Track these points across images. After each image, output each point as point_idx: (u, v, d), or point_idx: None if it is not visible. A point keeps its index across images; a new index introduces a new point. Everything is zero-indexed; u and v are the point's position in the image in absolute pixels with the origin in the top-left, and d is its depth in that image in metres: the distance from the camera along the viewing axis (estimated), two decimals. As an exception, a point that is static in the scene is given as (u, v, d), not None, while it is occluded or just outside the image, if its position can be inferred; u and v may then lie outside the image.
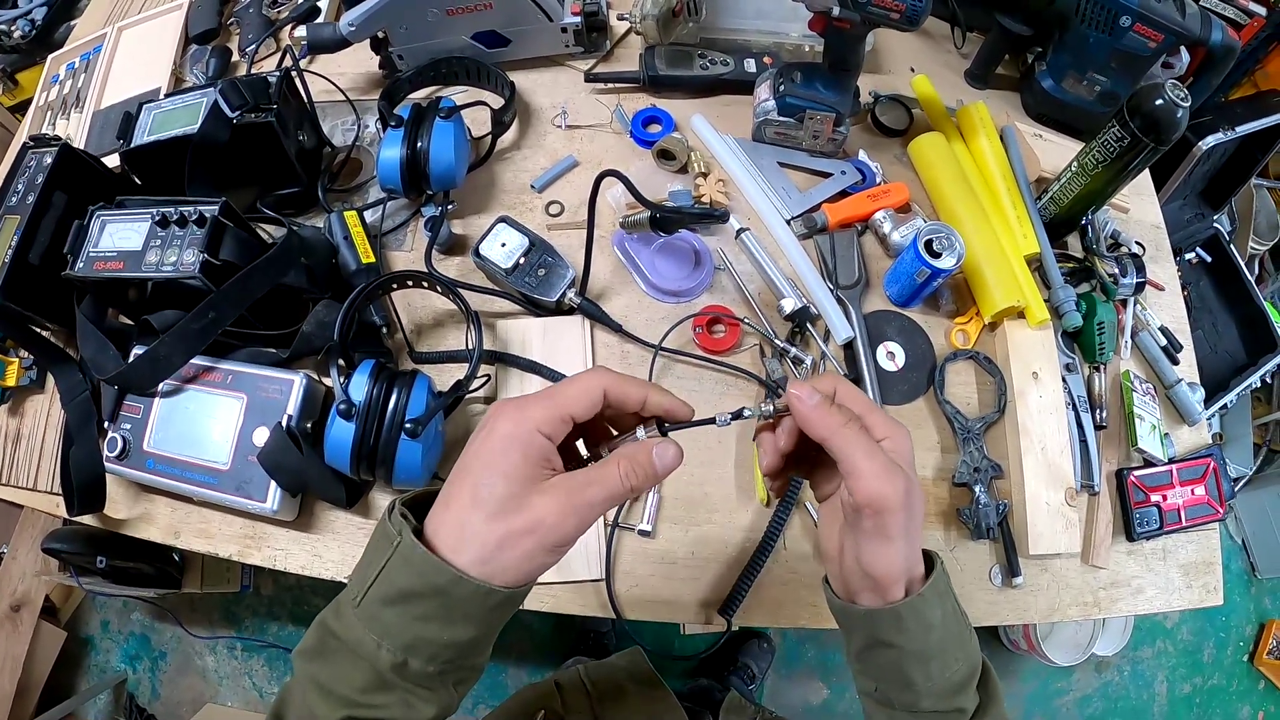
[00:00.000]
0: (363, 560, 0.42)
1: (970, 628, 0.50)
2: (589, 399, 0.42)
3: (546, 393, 0.42)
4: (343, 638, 0.40)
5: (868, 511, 0.42)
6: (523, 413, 0.40)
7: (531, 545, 0.39)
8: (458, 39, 0.96)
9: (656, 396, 0.44)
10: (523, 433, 0.40)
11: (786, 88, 0.90)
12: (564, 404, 0.41)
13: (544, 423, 0.40)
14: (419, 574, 0.38)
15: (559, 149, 0.97)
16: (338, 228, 0.84)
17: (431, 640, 0.39)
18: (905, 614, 0.45)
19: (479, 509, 0.39)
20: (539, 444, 0.40)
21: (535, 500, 0.39)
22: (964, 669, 0.47)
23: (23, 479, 0.84)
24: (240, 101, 0.81)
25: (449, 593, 0.38)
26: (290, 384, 0.74)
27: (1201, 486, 0.85)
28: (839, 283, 0.87)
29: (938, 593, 0.46)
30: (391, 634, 0.39)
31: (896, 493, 0.41)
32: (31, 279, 0.77)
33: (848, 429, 0.43)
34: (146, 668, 1.86)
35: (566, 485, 0.40)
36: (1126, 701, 1.94)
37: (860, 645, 0.48)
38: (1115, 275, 0.88)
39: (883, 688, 0.48)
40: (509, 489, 0.39)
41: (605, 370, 0.43)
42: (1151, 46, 0.90)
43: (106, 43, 1.09)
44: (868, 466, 0.42)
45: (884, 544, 0.43)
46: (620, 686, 0.79)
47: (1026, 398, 0.83)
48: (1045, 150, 0.98)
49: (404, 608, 0.39)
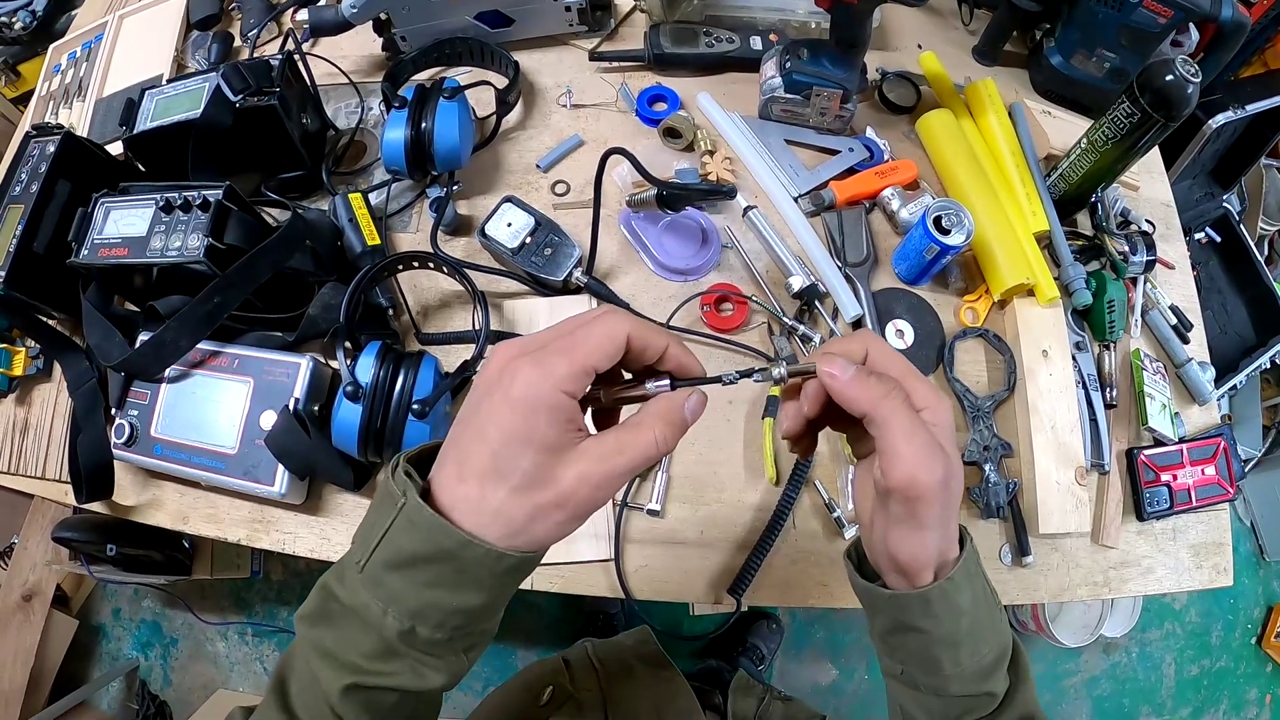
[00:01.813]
0: (366, 520, 0.39)
1: (1000, 607, 0.47)
2: (613, 346, 0.38)
3: (566, 341, 0.37)
4: (346, 603, 0.38)
5: (900, 496, 0.39)
6: (542, 368, 0.36)
7: (562, 517, 0.37)
8: (461, 19, 0.95)
9: (676, 349, 0.41)
10: (546, 395, 0.35)
11: (793, 65, 0.89)
12: (588, 356, 0.36)
13: (568, 380, 0.36)
14: (425, 538, 0.36)
15: (564, 128, 0.96)
16: (342, 210, 0.83)
17: (440, 606, 0.37)
18: (934, 599, 0.42)
19: (502, 482, 0.36)
20: (565, 406, 0.36)
21: (564, 471, 0.36)
22: (994, 652, 0.45)
23: (31, 468, 0.84)
24: (243, 86, 0.81)
25: (458, 557, 0.36)
26: (297, 367, 0.74)
27: (1212, 466, 0.84)
28: (847, 260, 0.87)
29: (968, 575, 0.43)
30: (398, 600, 0.36)
31: (933, 480, 0.38)
32: (36, 267, 0.77)
33: (889, 401, 0.39)
34: (158, 655, 1.88)
35: (597, 452, 0.37)
36: (1134, 683, 1.94)
37: (885, 627, 0.46)
38: (1125, 253, 0.88)
39: (909, 671, 0.46)
40: (535, 460, 0.35)
41: (625, 314, 0.39)
42: (1161, 22, 0.89)
43: (108, 31, 1.09)
44: (906, 449, 0.38)
45: (915, 531, 0.41)
46: (628, 665, 0.79)
47: (1036, 376, 0.82)
48: (1054, 127, 0.97)
49: (410, 572, 0.36)
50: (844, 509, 0.77)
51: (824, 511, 0.77)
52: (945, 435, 0.41)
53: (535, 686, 0.76)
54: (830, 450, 0.80)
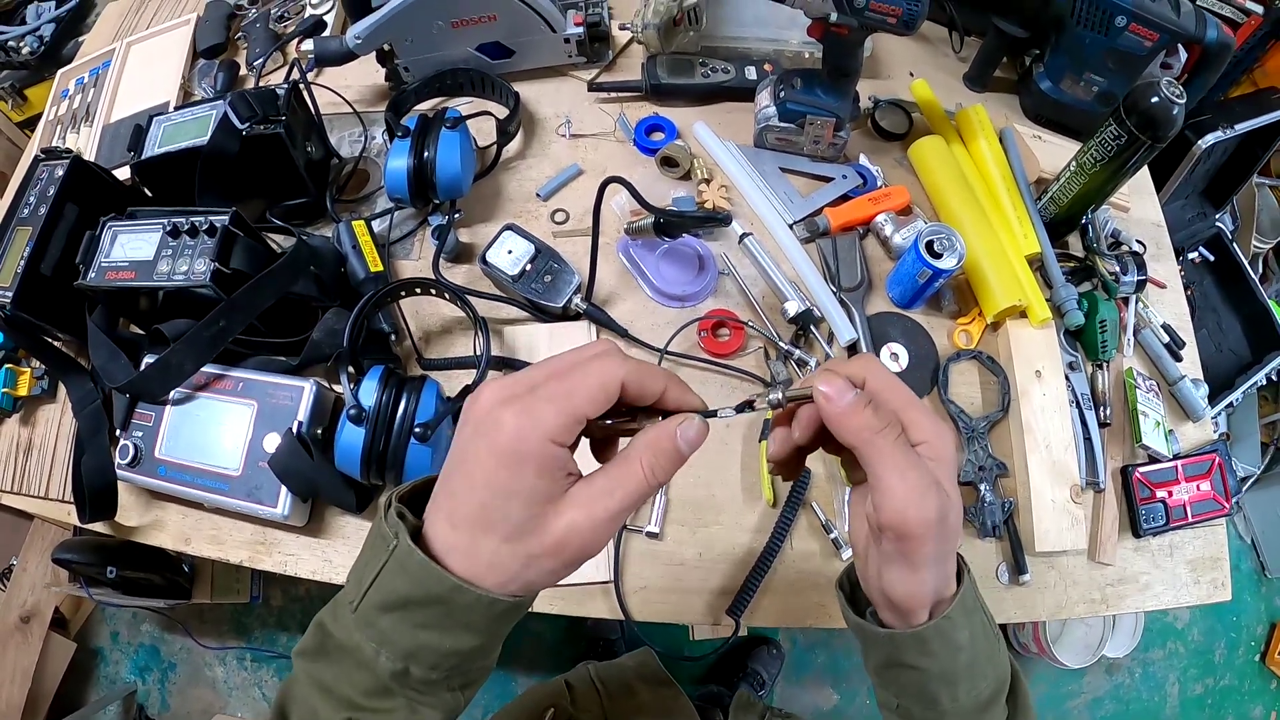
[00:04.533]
0: (360, 559, 0.39)
1: (999, 638, 0.46)
2: (605, 395, 0.36)
3: (556, 386, 0.35)
4: (341, 641, 0.37)
5: (891, 535, 0.38)
6: (531, 418, 0.34)
7: (555, 565, 0.36)
8: (462, 50, 0.97)
9: (676, 390, 0.39)
10: (533, 447, 0.34)
11: (787, 94, 0.91)
12: (579, 405, 0.35)
13: (557, 431, 0.34)
14: (416, 582, 0.35)
15: (563, 158, 0.98)
16: (346, 237, 0.85)
17: (433, 648, 0.36)
18: (930, 638, 0.41)
19: (493, 532, 0.35)
20: (554, 456, 0.35)
21: (556, 520, 0.35)
22: (992, 685, 0.44)
23: (35, 488, 0.85)
24: (249, 113, 0.82)
25: (449, 601, 0.35)
26: (300, 390, 0.75)
27: (1207, 482, 0.85)
28: (842, 285, 0.88)
29: (966, 611, 0.42)
30: (390, 641, 0.36)
31: (926, 520, 0.37)
32: (43, 289, 0.78)
33: (881, 437, 0.37)
34: (156, 679, 1.86)
35: (587, 495, 0.36)
36: (1138, 703, 1.92)
37: (880, 662, 0.45)
38: (1116, 273, 0.89)
39: (905, 705, 0.45)
40: (525, 511, 0.35)
41: (620, 356, 0.37)
42: (1147, 46, 0.91)
43: (115, 58, 1.11)
44: (899, 486, 0.37)
45: (909, 571, 0.39)
46: (630, 685, 0.79)
47: (1030, 396, 0.83)
48: (1044, 151, 0.99)
49: (402, 614, 0.36)
50: (841, 530, 0.78)
51: (821, 533, 0.78)
52: (945, 470, 0.39)
53: (536, 709, 0.76)
54: (826, 471, 0.81)
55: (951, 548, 0.40)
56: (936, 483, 0.38)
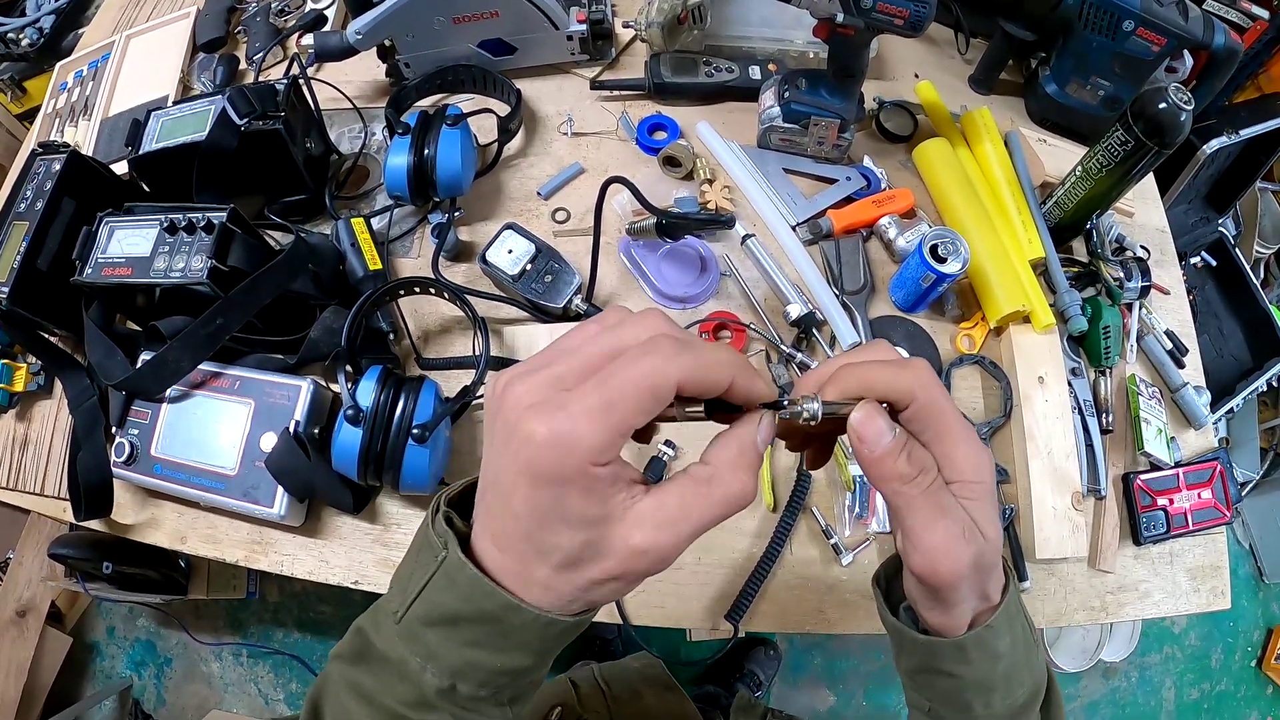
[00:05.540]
0: (404, 566, 0.36)
1: (1039, 645, 0.44)
2: (655, 403, 0.30)
3: (595, 396, 0.29)
4: (383, 652, 0.35)
5: (921, 580, 0.37)
6: (567, 433, 0.29)
7: (620, 586, 0.32)
8: (464, 47, 0.96)
9: (744, 380, 0.33)
10: (572, 472, 0.29)
11: (791, 94, 0.90)
12: (624, 419, 0.29)
13: (599, 452, 0.29)
14: (466, 598, 0.32)
15: (565, 156, 0.97)
16: (345, 235, 0.84)
17: (483, 666, 0.33)
18: (970, 645, 0.39)
19: (543, 560, 0.31)
20: (599, 476, 0.30)
21: (615, 542, 0.31)
22: (1028, 692, 0.42)
23: (30, 484, 0.84)
24: (248, 109, 0.82)
25: (503, 620, 0.32)
26: (298, 389, 0.74)
27: (1208, 490, 0.85)
28: (844, 288, 0.88)
29: (1009, 619, 0.40)
30: (436, 657, 0.33)
31: (955, 572, 0.35)
32: (40, 285, 0.77)
33: (912, 488, 0.35)
34: (152, 674, 1.86)
35: (658, 518, 0.31)
36: (1135, 708, 1.93)
37: (913, 666, 0.43)
38: (1120, 279, 0.89)
39: (936, 709, 0.43)
40: (576, 537, 0.30)
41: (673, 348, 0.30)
42: (1154, 50, 0.91)
43: (114, 51, 1.10)
44: (926, 539, 0.35)
45: (940, 610, 0.39)
46: (635, 688, 0.79)
47: (1032, 402, 0.83)
48: (1049, 155, 0.99)
49: (450, 631, 0.33)
50: (841, 536, 0.77)
51: (821, 538, 0.78)
52: (981, 509, 0.37)
53: (542, 707, 0.76)
54: (827, 477, 0.81)
55: (988, 577, 0.39)
56: (967, 529, 0.36)
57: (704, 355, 0.31)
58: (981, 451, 0.37)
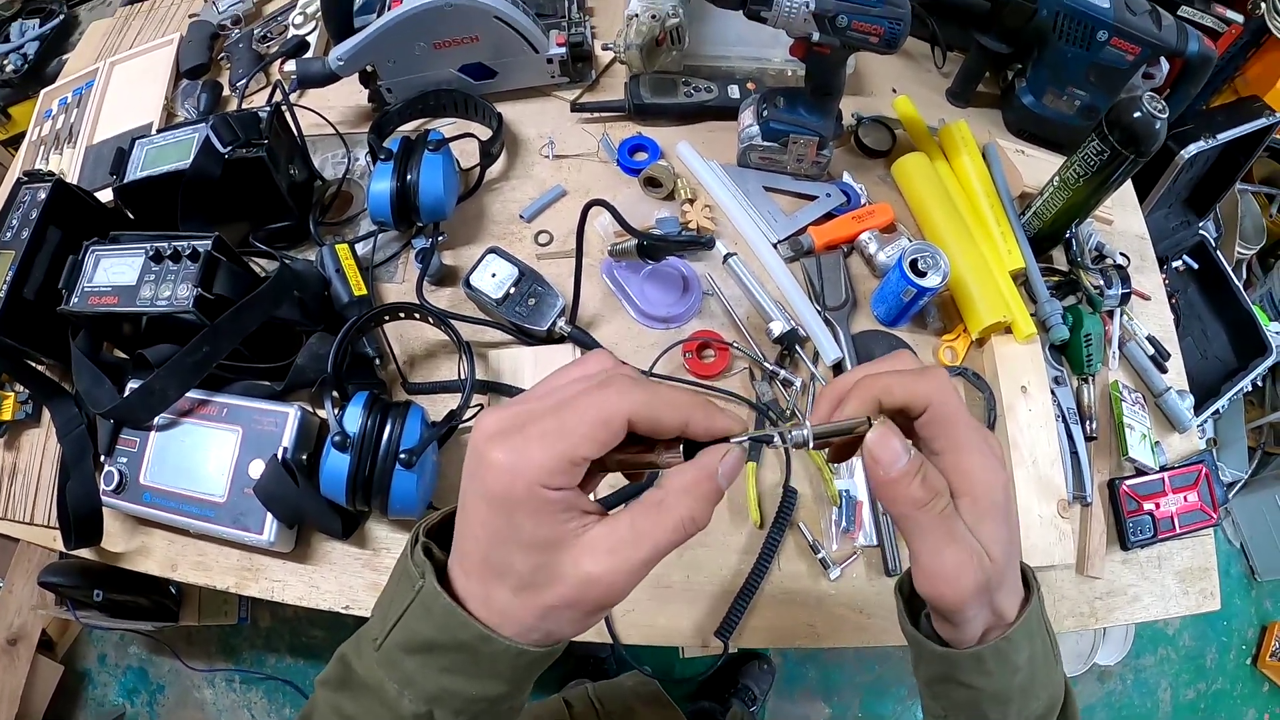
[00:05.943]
0: (384, 595, 0.37)
1: (1058, 657, 0.44)
2: (606, 434, 0.32)
3: (550, 423, 0.32)
4: (364, 678, 0.36)
5: (927, 601, 0.38)
6: (520, 461, 0.31)
7: (575, 615, 0.33)
8: (445, 71, 0.97)
9: (701, 417, 0.34)
10: (521, 493, 0.31)
11: (770, 113, 0.91)
12: (573, 447, 0.31)
13: (549, 475, 0.31)
14: (441, 626, 0.33)
15: (547, 179, 0.98)
16: (329, 261, 0.84)
17: (459, 694, 0.34)
18: (988, 657, 0.39)
19: (501, 582, 0.33)
20: (548, 500, 0.31)
21: (567, 568, 0.32)
22: (1044, 704, 0.42)
23: (19, 513, 0.84)
24: (232, 137, 0.82)
25: (475, 649, 0.33)
26: (285, 416, 0.74)
27: (1194, 493, 0.85)
28: (826, 304, 0.88)
29: (1029, 632, 0.40)
30: (414, 684, 0.34)
31: (962, 597, 0.35)
32: (26, 314, 0.77)
33: (924, 513, 0.35)
34: (144, 701, 1.84)
35: (609, 543, 0.32)
36: (1131, 710, 1.93)
37: (931, 676, 0.43)
38: (1100, 287, 0.89)
39: (952, 718, 0.44)
40: (528, 560, 0.32)
41: (625, 385, 0.33)
42: (1129, 59, 0.92)
43: (99, 78, 1.11)
44: (933, 564, 0.35)
45: (951, 628, 0.39)
46: (629, 706, 0.79)
47: (1016, 411, 0.83)
48: (1028, 166, 0.99)
49: (426, 658, 0.34)
50: (828, 550, 0.78)
51: (809, 553, 0.78)
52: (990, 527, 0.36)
53: None
54: (814, 492, 0.81)
55: (1003, 593, 0.38)
56: (976, 554, 0.36)
57: (658, 393, 0.33)
58: (995, 465, 0.37)
